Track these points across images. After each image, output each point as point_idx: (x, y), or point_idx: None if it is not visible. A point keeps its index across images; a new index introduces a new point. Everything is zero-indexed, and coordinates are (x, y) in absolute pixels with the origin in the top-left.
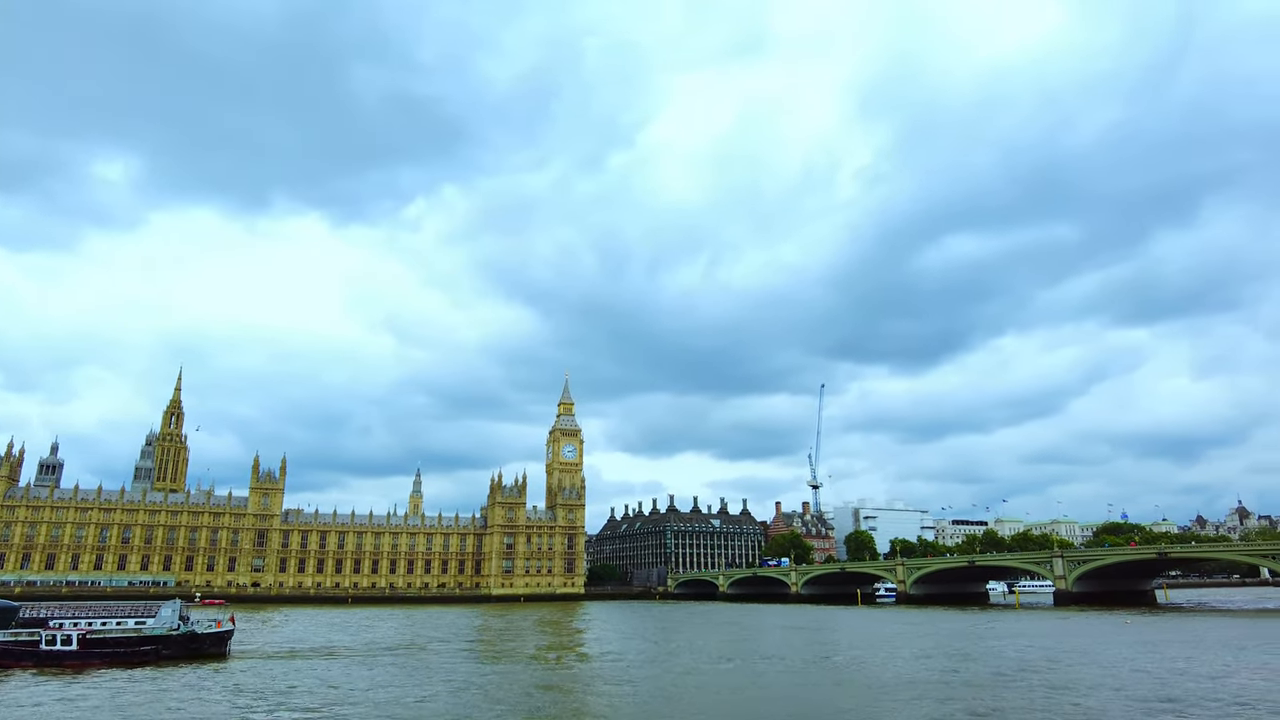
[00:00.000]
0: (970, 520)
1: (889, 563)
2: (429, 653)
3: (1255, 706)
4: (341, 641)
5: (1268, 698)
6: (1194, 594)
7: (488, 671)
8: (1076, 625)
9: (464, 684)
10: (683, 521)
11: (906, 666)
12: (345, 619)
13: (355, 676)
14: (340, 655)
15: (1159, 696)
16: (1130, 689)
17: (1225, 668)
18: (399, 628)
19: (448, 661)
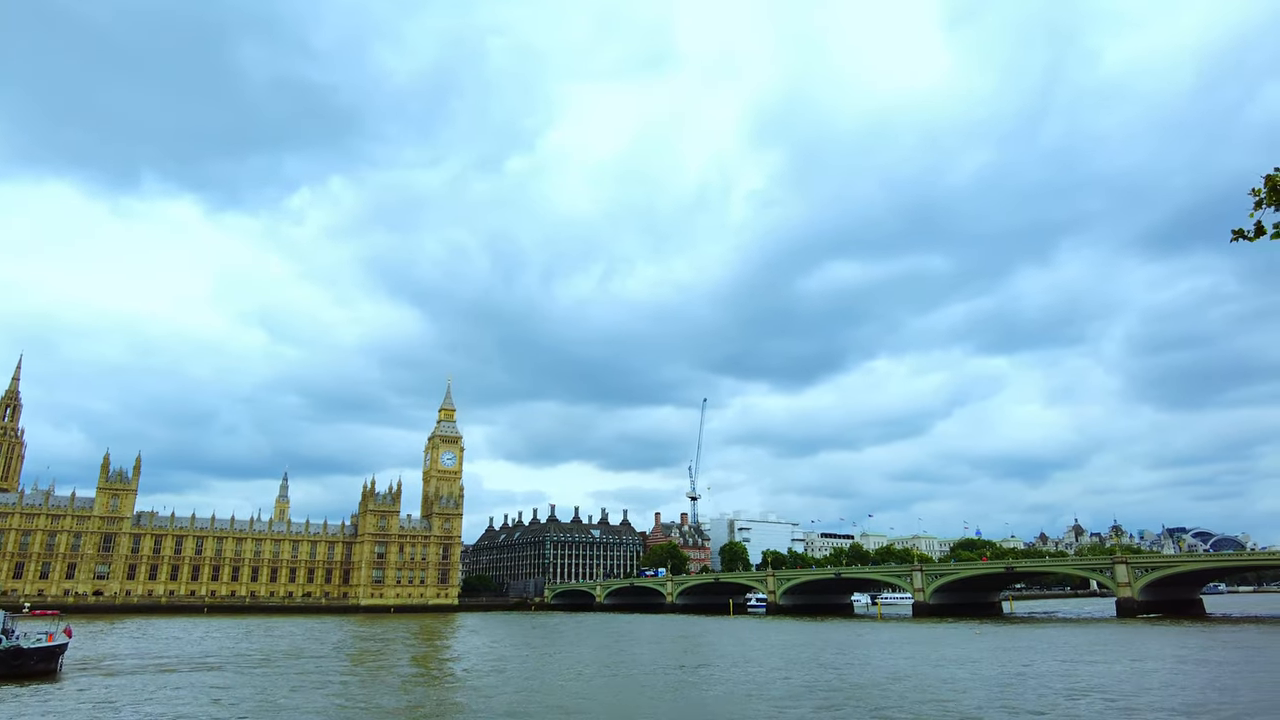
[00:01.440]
0: (838, 534)
1: (760, 574)
2: (283, 666)
3: (1089, 695)
4: (191, 654)
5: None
6: (1035, 605)
7: (347, 685)
8: (933, 634)
9: (322, 702)
10: (563, 532)
11: (773, 674)
12: (198, 630)
13: (202, 695)
14: (196, 669)
15: (1007, 696)
16: (982, 690)
17: (1064, 667)
18: (256, 639)
19: (308, 675)
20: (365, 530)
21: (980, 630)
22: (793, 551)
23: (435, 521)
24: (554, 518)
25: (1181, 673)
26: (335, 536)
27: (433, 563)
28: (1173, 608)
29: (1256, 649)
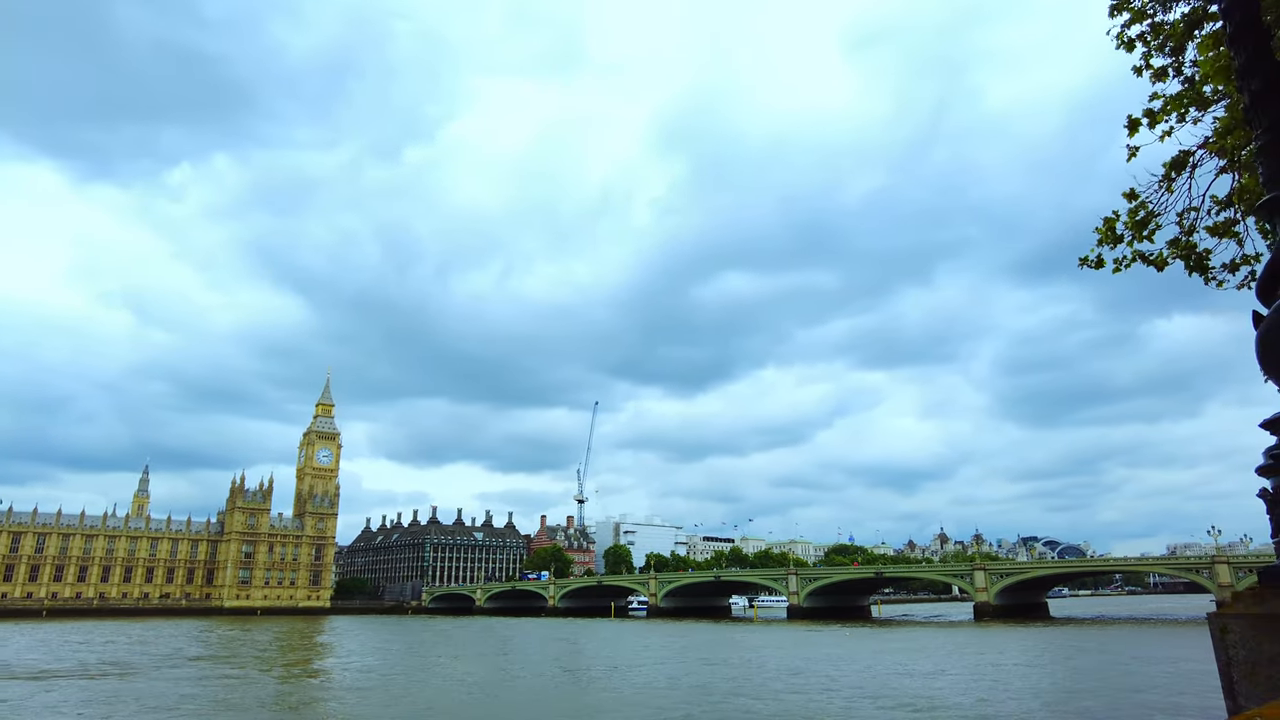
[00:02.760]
0: (720, 537)
1: (643, 576)
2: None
3: (946, 677)
4: (25, 665)
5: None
6: (901, 609)
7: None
8: (806, 636)
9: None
10: (444, 534)
11: (651, 674)
12: (21, 638)
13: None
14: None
15: (872, 693)
16: (849, 688)
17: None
18: (100, 644)
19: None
20: (232, 528)
21: (850, 632)
22: (675, 555)
23: (308, 521)
24: (435, 519)
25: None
26: (199, 535)
27: (304, 564)
28: (1023, 611)
29: (1085, 648)
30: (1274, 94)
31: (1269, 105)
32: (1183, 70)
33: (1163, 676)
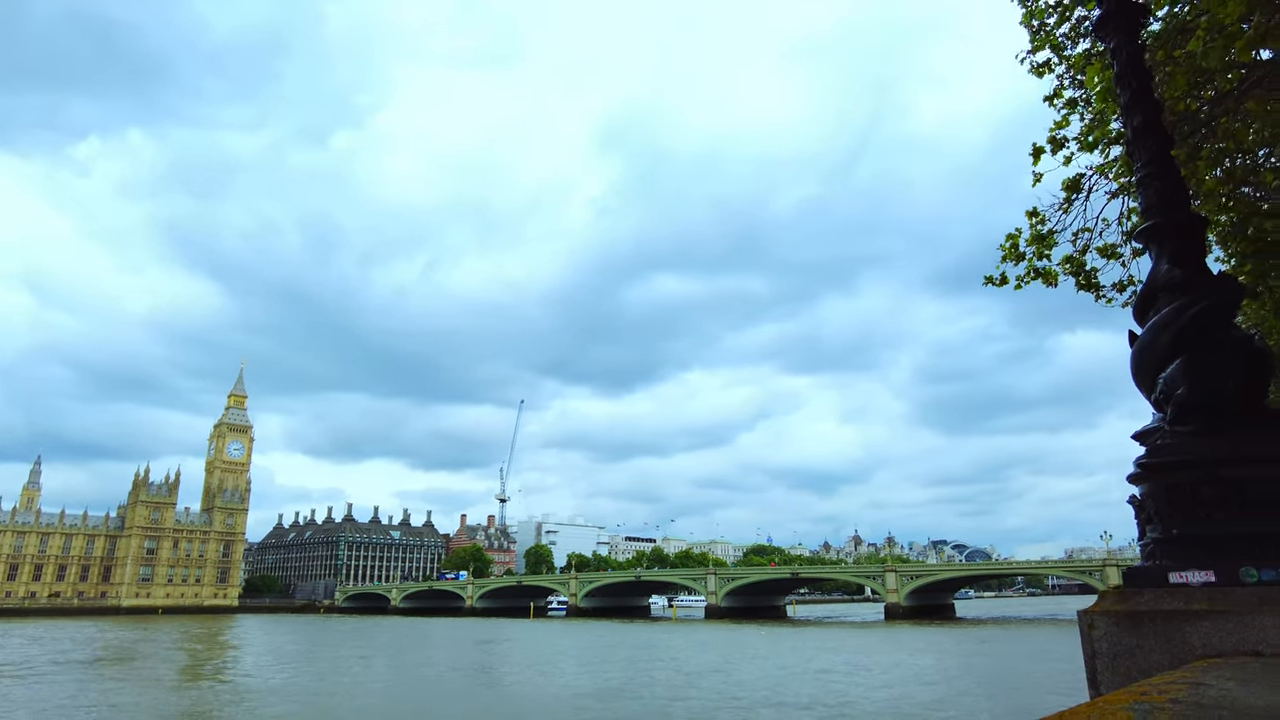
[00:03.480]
0: (642, 538)
1: (563, 576)
2: None
3: (847, 675)
4: None
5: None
6: (816, 609)
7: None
8: (722, 635)
9: None
10: (360, 532)
11: (569, 673)
12: None
13: None
14: None
15: (785, 690)
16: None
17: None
18: None
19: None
20: (134, 523)
21: (765, 631)
22: (597, 555)
23: (217, 516)
24: (350, 517)
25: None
26: (96, 529)
27: (211, 561)
28: (931, 611)
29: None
30: (1153, 130)
31: (1148, 140)
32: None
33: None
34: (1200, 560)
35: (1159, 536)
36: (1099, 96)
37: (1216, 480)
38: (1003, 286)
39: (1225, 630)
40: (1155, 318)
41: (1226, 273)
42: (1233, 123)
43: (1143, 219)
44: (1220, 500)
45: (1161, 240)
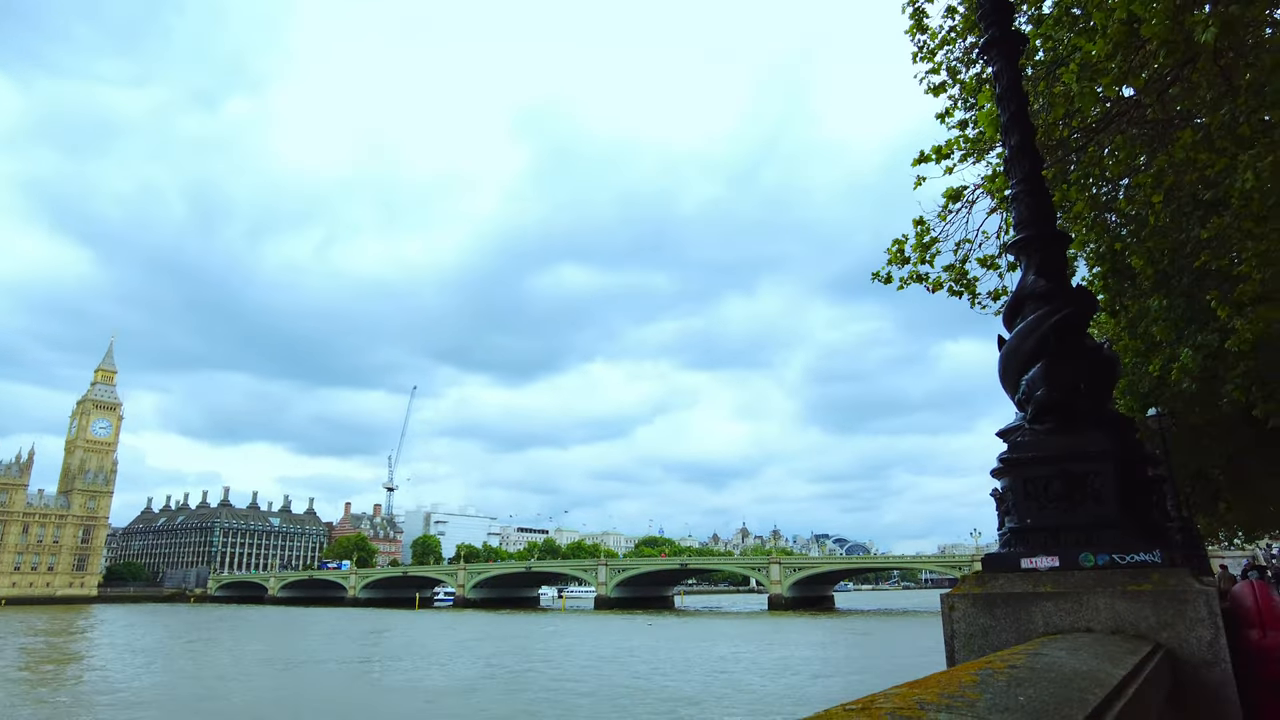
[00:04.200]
0: (534, 529)
1: (451, 567)
2: None
3: (730, 672)
4: None
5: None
6: (703, 599)
7: None
8: (609, 624)
9: None
10: (237, 518)
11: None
12: None
13: None
14: None
15: (653, 674)
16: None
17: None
18: None
19: None
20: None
21: (652, 622)
22: (487, 546)
23: (77, 499)
24: (227, 502)
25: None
26: None
27: (68, 547)
28: (812, 602)
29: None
30: (1027, 150)
31: (1023, 159)
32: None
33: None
34: (1047, 547)
35: (1015, 526)
36: (985, 118)
37: (1064, 475)
38: (887, 285)
39: (1065, 609)
40: (1021, 324)
41: (1084, 286)
42: (1099, 152)
43: (1015, 232)
44: (1066, 493)
45: (1030, 253)
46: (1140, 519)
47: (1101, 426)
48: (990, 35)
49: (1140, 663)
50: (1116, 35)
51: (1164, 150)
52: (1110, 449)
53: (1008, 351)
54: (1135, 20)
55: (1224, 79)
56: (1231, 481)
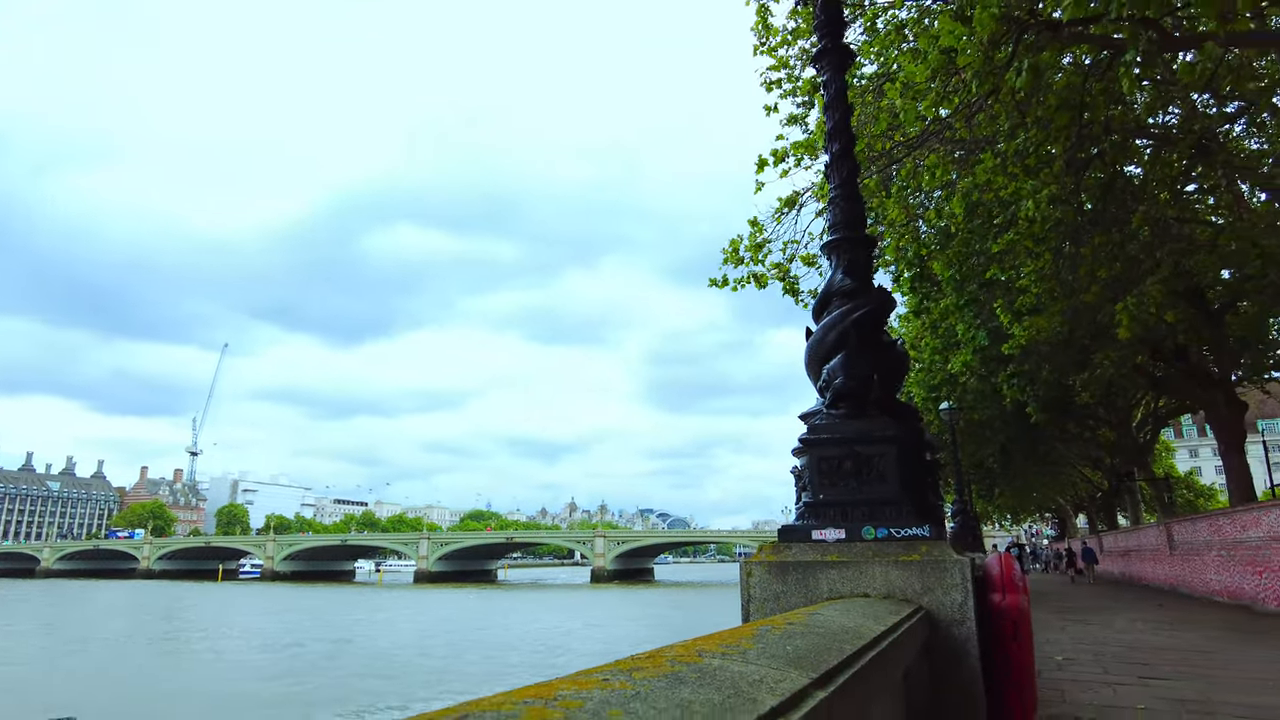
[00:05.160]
0: (354, 500)
1: (260, 538)
2: None
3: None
4: None
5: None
6: (528, 573)
7: None
8: (421, 597)
9: None
10: (7, 481)
11: (244, 641)
12: None
13: None
14: None
15: (446, 646)
16: (419, 641)
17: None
18: None
19: None
20: None
21: (475, 595)
22: (301, 517)
23: None
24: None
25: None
26: None
27: None
28: (633, 574)
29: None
30: (847, 157)
31: (842, 165)
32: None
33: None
34: (836, 521)
35: (809, 501)
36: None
37: (854, 456)
38: (723, 289)
39: (847, 577)
40: (827, 318)
41: (884, 286)
42: (916, 165)
43: (829, 234)
44: (855, 472)
45: (840, 253)
46: (917, 498)
47: (889, 414)
48: (823, 45)
49: (899, 621)
50: (935, 62)
51: (969, 170)
52: (895, 435)
53: (813, 342)
54: (952, 50)
55: (1019, 111)
56: (1004, 471)
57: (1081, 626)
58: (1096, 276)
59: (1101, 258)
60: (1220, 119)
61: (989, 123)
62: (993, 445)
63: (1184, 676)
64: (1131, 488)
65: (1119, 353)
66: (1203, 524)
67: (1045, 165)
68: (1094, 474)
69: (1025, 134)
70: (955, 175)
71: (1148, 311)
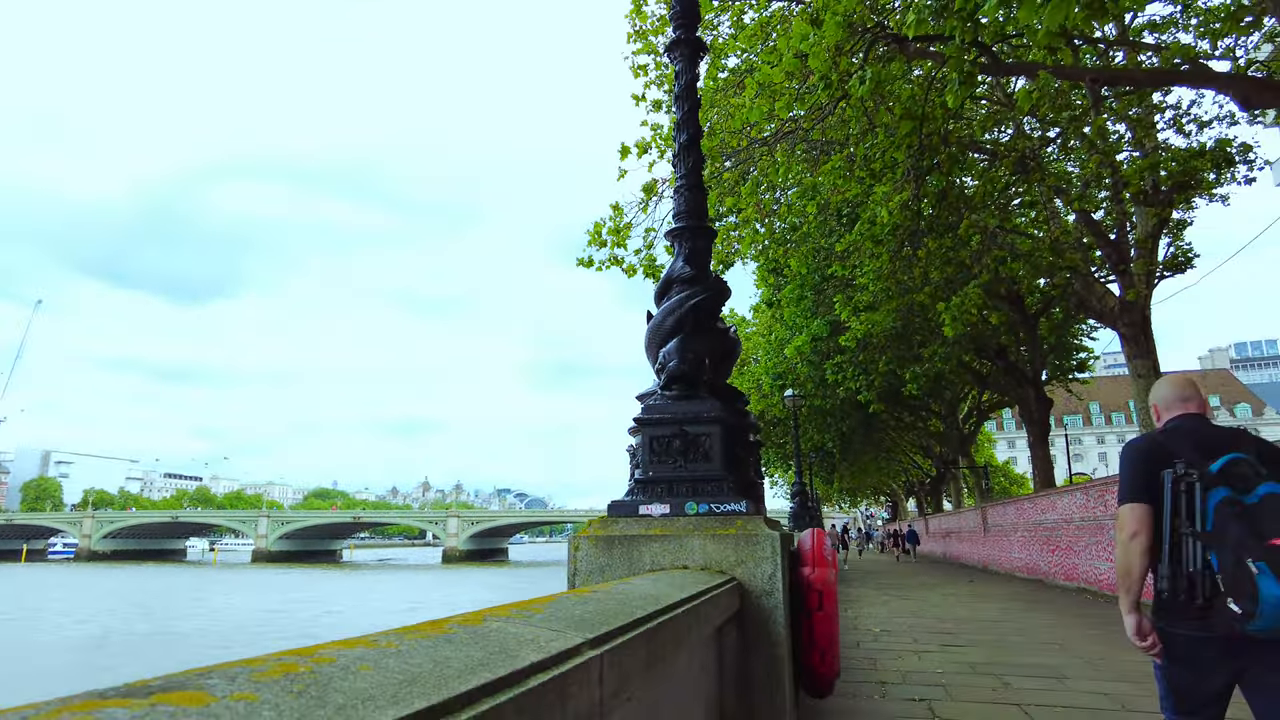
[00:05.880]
0: (187, 475)
1: (76, 515)
2: None
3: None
4: None
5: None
6: (375, 553)
7: None
8: (255, 578)
9: None
10: None
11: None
12: None
13: None
14: None
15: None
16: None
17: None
18: None
19: None
20: None
21: (309, 573)
22: (125, 493)
23: None
24: None
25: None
26: None
27: None
28: (487, 555)
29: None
30: (694, 148)
31: (689, 156)
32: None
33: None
34: (662, 496)
35: (640, 478)
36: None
37: (683, 435)
38: (589, 269)
39: (668, 549)
40: (667, 303)
41: (720, 275)
42: (769, 163)
43: (674, 222)
44: (683, 451)
45: (683, 241)
46: (739, 476)
47: (717, 396)
48: (676, 36)
49: (704, 590)
50: (789, 64)
51: (818, 170)
52: (721, 416)
53: (653, 326)
54: (804, 54)
55: (867, 118)
56: (843, 455)
57: (901, 601)
58: (929, 278)
59: (935, 261)
60: (1042, 141)
61: (840, 126)
62: (833, 431)
63: (979, 644)
64: (956, 474)
65: (946, 349)
66: (1011, 508)
67: (889, 170)
68: (924, 461)
69: (872, 140)
70: (807, 175)
71: (968, 312)
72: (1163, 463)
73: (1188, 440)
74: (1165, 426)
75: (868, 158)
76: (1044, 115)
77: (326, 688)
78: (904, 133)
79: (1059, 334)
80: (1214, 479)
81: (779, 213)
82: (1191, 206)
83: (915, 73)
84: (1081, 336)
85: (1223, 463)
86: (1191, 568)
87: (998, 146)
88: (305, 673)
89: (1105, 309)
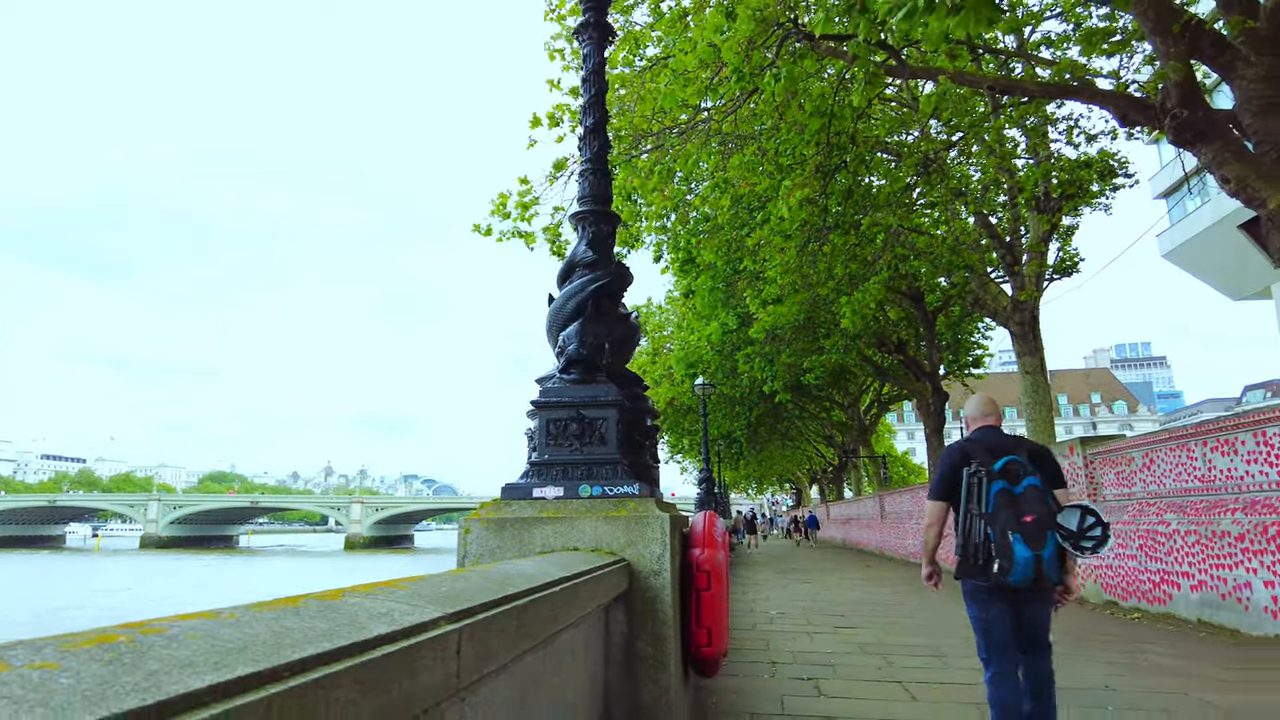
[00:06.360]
0: (68, 457)
1: None
2: None
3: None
4: None
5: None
6: (275, 539)
7: None
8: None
9: None
10: None
11: None
12: None
13: None
14: None
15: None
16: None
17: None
18: None
19: None
20: None
21: (209, 561)
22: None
23: None
24: None
25: None
26: None
27: None
28: (391, 541)
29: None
30: (599, 132)
31: (594, 140)
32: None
33: None
34: (557, 479)
35: (535, 460)
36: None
37: (580, 419)
38: (486, 237)
39: (560, 532)
40: (568, 287)
41: (622, 261)
42: (681, 152)
43: (578, 205)
44: (580, 434)
45: (586, 225)
46: (634, 459)
47: (615, 380)
48: (585, 19)
49: (588, 570)
50: (703, 54)
51: (728, 163)
52: (618, 400)
53: (554, 309)
54: (718, 46)
55: (778, 113)
56: (750, 443)
57: (800, 585)
58: (834, 273)
59: (840, 257)
60: (945, 145)
61: (751, 119)
62: (742, 420)
63: (869, 625)
64: (857, 463)
65: (847, 342)
66: (906, 496)
67: (798, 166)
68: (828, 450)
69: (781, 135)
70: (718, 167)
71: (867, 307)
72: (964, 463)
73: (982, 446)
74: (970, 435)
75: (778, 152)
76: (947, 119)
77: (143, 655)
78: (813, 130)
79: (956, 331)
80: (996, 475)
81: (693, 203)
82: (1079, 214)
83: (829, 71)
84: (977, 334)
85: (1003, 462)
86: (977, 539)
87: (903, 148)
88: (124, 642)
89: (999, 308)
